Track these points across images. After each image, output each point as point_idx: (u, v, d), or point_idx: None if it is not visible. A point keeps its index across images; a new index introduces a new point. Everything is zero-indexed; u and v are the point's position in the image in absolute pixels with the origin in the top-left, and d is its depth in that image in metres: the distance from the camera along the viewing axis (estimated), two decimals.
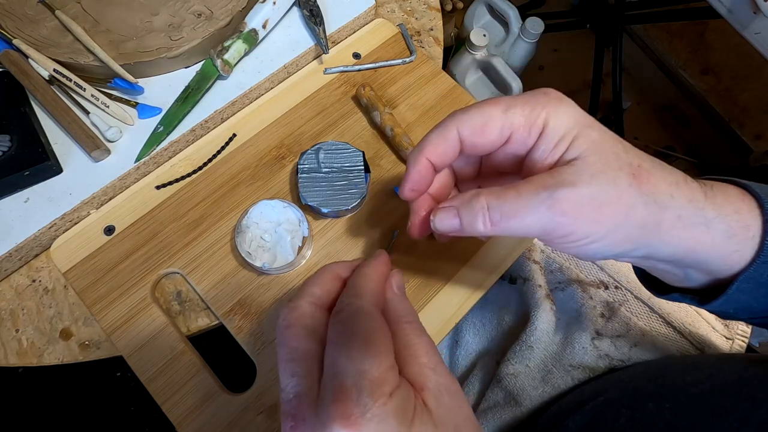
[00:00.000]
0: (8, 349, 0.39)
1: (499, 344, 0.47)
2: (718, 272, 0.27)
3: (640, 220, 0.24)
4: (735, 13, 0.66)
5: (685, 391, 0.32)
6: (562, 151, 0.25)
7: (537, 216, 0.24)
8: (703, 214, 0.25)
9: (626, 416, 0.33)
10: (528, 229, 0.25)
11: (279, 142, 0.46)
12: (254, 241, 0.39)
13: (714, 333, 0.44)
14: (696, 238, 0.25)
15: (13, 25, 0.44)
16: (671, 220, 0.25)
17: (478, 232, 0.26)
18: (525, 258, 0.47)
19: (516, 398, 0.42)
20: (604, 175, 0.24)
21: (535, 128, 0.25)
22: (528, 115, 0.25)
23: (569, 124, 0.25)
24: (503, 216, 0.25)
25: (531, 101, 0.25)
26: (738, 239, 0.26)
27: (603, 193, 0.23)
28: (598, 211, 0.23)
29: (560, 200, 0.23)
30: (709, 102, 1.31)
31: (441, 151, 0.27)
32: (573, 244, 0.25)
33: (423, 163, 0.28)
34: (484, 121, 0.26)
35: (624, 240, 0.25)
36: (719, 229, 0.26)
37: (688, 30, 1.30)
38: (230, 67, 0.46)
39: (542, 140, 0.25)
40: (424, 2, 0.57)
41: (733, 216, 0.26)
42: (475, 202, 0.26)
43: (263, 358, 0.38)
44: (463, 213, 0.26)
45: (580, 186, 0.23)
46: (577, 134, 0.25)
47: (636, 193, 0.24)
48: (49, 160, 0.40)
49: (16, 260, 0.40)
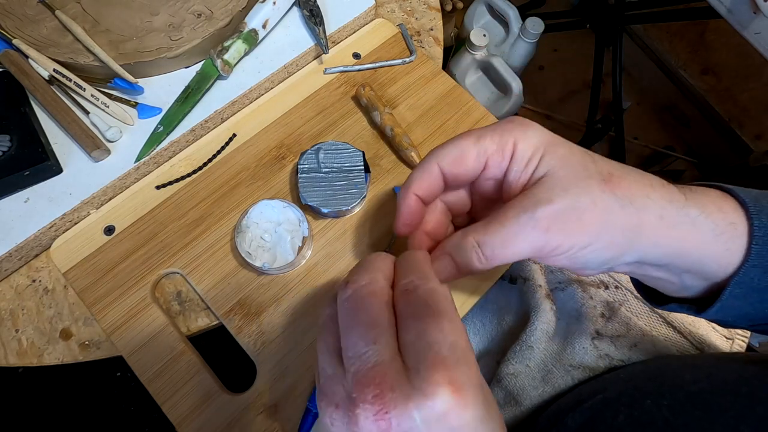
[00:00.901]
0: (8, 349, 0.39)
1: (499, 344, 0.47)
2: (713, 275, 0.27)
3: (621, 223, 0.25)
4: (735, 13, 0.66)
5: (684, 390, 0.32)
6: (532, 170, 0.26)
7: (525, 240, 0.25)
8: (687, 212, 0.26)
9: (625, 414, 0.33)
10: (521, 253, 0.26)
11: (279, 142, 0.46)
12: (254, 241, 0.39)
13: (714, 333, 0.44)
14: (683, 238, 0.26)
15: (13, 25, 0.44)
16: (653, 221, 0.26)
17: (477, 270, 0.27)
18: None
19: (516, 398, 0.42)
20: (575, 186, 0.25)
21: (507, 152, 0.27)
22: (498, 141, 0.27)
23: (536, 143, 0.27)
24: (494, 249, 0.26)
25: (499, 129, 0.27)
26: (726, 237, 0.26)
27: (578, 202, 0.25)
28: (578, 221, 0.25)
29: (540, 219, 0.25)
30: (709, 102, 1.31)
31: (426, 186, 0.29)
32: (565, 256, 0.26)
33: (411, 198, 0.29)
34: (460, 152, 0.28)
35: (610, 245, 0.25)
36: (705, 227, 0.26)
37: (688, 30, 1.30)
38: (230, 67, 0.46)
39: (513, 162, 0.27)
40: (424, 2, 0.57)
41: (717, 214, 0.26)
42: (464, 244, 0.26)
43: (263, 358, 0.38)
44: (456, 257, 0.27)
45: (555, 201, 0.25)
46: (545, 152, 0.26)
47: (610, 198, 0.25)
48: (49, 160, 0.40)
49: (16, 260, 0.40)
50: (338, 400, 0.22)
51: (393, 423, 0.20)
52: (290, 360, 0.38)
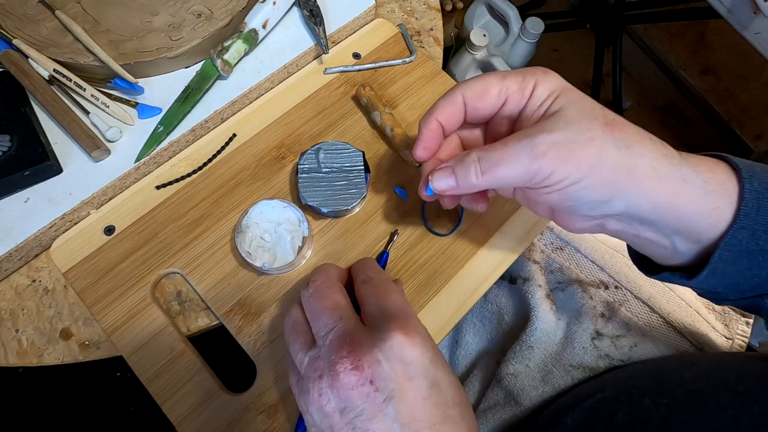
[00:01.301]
0: (8, 349, 0.39)
1: (499, 344, 0.47)
2: (703, 236, 0.28)
3: (614, 162, 0.26)
4: (735, 13, 0.66)
5: (682, 388, 0.33)
6: (545, 108, 0.29)
7: (520, 160, 0.27)
8: (679, 169, 0.27)
9: (623, 412, 0.33)
10: (514, 174, 0.28)
11: (279, 142, 0.46)
12: (254, 241, 0.39)
13: (714, 333, 0.44)
14: (673, 192, 0.27)
15: (13, 25, 0.44)
16: (645, 168, 0.27)
17: (471, 184, 0.29)
18: (525, 258, 0.47)
19: (516, 398, 0.42)
20: (577, 123, 0.27)
21: (527, 92, 0.29)
22: (520, 82, 0.30)
23: (553, 87, 0.29)
24: (491, 164, 0.28)
25: (522, 71, 0.30)
26: (716, 196, 0.27)
27: (577, 136, 0.26)
28: (572, 153, 0.26)
29: (538, 144, 0.27)
30: (709, 102, 1.31)
31: (449, 113, 0.32)
32: (555, 188, 0.27)
33: (434, 123, 0.32)
34: (484, 87, 0.30)
35: (600, 182, 0.27)
36: (695, 184, 0.27)
37: (688, 30, 1.30)
38: (230, 67, 0.46)
39: (530, 101, 0.29)
40: (424, 2, 0.57)
41: (707, 174, 0.28)
42: (467, 157, 0.29)
43: (263, 358, 0.38)
44: (457, 169, 0.30)
45: (555, 131, 0.27)
46: (559, 94, 0.28)
47: (608, 138, 0.27)
48: (49, 160, 0.40)
49: (16, 260, 0.40)
50: (320, 371, 0.27)
51: (365, 366, 0.26)
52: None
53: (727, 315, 0.46)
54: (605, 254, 0.47)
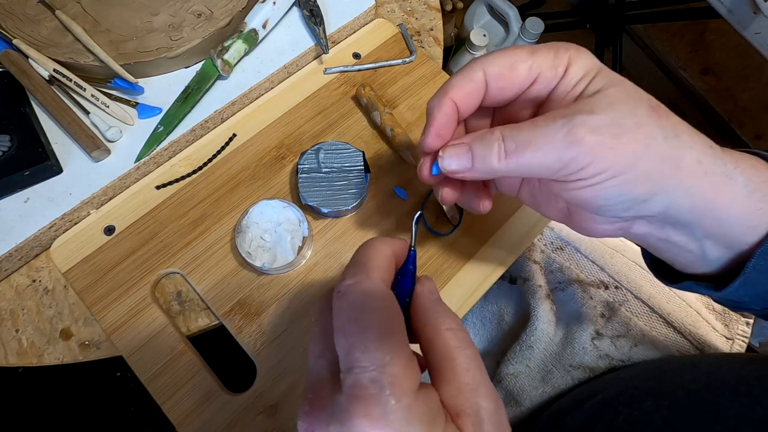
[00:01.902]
0: (8, 349, 0.39)
1: (499, 344, 0.47)
2: (738, 240, 0.26)
3: (660, 153, 0.23)
4: (735, 13, 0.66)
5: (684, 389, 0.32)
6: (581, 89, 0.25)
7: (553, 145, 0.23)
8: (723, 163, 0.24)
9: (624, 414, 0.33)
10: (545, 160, 0.23)
11: (279, 142, 0.46)
12: (254, 241, 0.39)
13: (714, 333, 0.44)
14: (716, 189, 0.24)
15: (13, 25, 0.44)
16: (692, 162, 0.24)
17: (491, 169, 0.25)
18: (525, 258, 0.47)
19: (516, 398, 0.42)
20: (623, 104, 0.23)
21: (560, 69, 0.25)
22: (553, 58, 0.25)
23: (590, 66, 0.25)
24: (518, 146, 0.24)
25: (554, 46, 0.26)
26: (759, 195, 0.25)
27: (622, 119, 0.23)
28: (616, 139, 0.22)
29: (577, 126, 0.22)
30: (709, 102, 1.31)
31: (467, 92, 0.26)
32: (589, 182, 0.24)
33: (449, 104, 0.26)
34: (512, 62, 0.25)
35: (643, 177, 0.23)
36: (739, 181, 0.24)
37: (688, 30, 1.30)
38: (230, 67, 0.46)
39: (564, 80, 0.25)
40: (424, 2, 0.57)
41: (751, 170, 0.25)
42: (489, 135, 0.25)
43: (263, 358, 0.38)
44: (476, 147, 0.25)
45: (598, 113, 0.23)
46: (598, 72, 0.25)
47: (656, 125, 0.23)
48: (49, 160, 0.40)
49: (16, 260, 0.40)
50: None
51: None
52: (290, 360, 0.38)
53: (727, 315, 0.46)
54: (605, 254, 0.47)
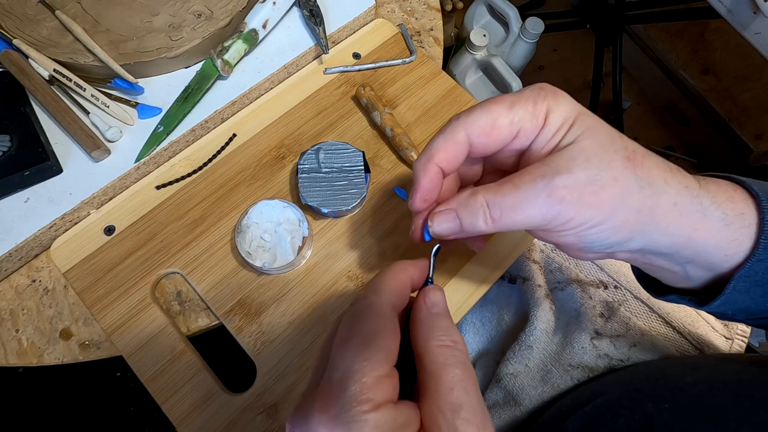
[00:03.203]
0: (8, 349, 0.39)
1: (498, 344, 0.47)
2: (718, 265, 0.27)
3: (636, 204, 0.24)
4: (735, 13, 0.66)
5: (685, 392, 0.32)
6: (559, 139, 0.25)
7: (537, 206, 0.24)
8: (699, 201, 0.26)
9: (625, 417, 0.33)
10: (529, 221, 0.25)
11: (279, 142, 0.46)
12: (254, 241, 0.39)
13: (713, 333, 0.44)
14: (693, 227, 0.25)
15: (13, 25, 0.44)
16: (667, 206, 0.25)
17: (479, 231, 0.26)
18: (525, 258, 0.47)
19: (515, 398, 0.42)
20: (598, 159, 0.24)
21: (539, 120, 0.26)
22: (532, 110, 0.26)
23: (567, 113, 0.25)
24: (504, 211, 0.25)
25: (532, 96, 0.26)
26: (735, 227, 0.26)
27: (599, 176, 0.24)
28: (595, 195, 0.24)
29: (558, 187, 0.24)
30: (709, 102, 1.31)
31: (451, 156, 0.27)
32: (572, 231, 0.25)
33: (433, 170, 0.27)
34: (492, 120, 0.26)
35: (621, 226, 0.25)
36: (715, 216, 0.26)
37: (688, 30, 1.30)
38: (230, 67, 0.46)
39: (543, 130, 0.26)
40: (424, 2, 0.57)
41: (727, 204, 0.26)
42: (473, 202, 0.26)
43: (263, 358, 0.38)
44: (462, 214, 0.26)
45: (575, 171, 0.24)
46: (574, 121, 0.25)
47: (631, 176, 0.24)
48: (49, 160, 0.40)
49: (16, 260, 0.40)
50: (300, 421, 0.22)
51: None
52: (290, 360, 0.38)
53: None
54: None
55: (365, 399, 0.20)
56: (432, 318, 0.24)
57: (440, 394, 0.21)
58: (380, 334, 0.22)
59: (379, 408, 0.20)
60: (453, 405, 0.21)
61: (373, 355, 0.21)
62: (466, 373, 0.22)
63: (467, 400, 0.21)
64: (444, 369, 0.22)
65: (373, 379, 0.20)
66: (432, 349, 0.23)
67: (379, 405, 0.20)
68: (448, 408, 0.21)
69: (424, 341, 0.23)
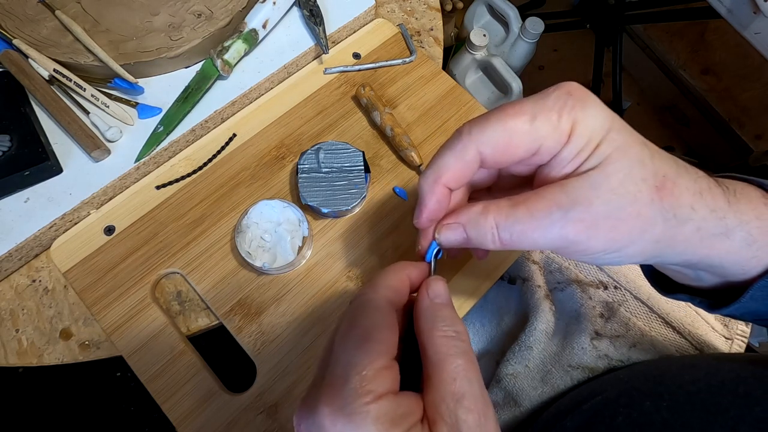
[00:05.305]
0: (8, 349, 0.39)
1: (498, 345, 0.47)
2: (733, 276, 0.27)
3: (657, 236, 0.23)
4: (735, 13, 0.66)
5: (683, 390, 0.32)
6: (583, 159, 0.23)
7: (549, 236, 0.23)
8: (725, 223, 0.24)
9: (624, 415, 0.33)
10: (539, 246, 0.24)
11: (279, 142, 0.46)
12: (254, 241, 0.39)
13: (713, 333, 0.44)
14: (712, 247, 0.25)
15: (13, 25, 0.44)
16: (689, 233, 0.24)
17: (486, 248, 0.25)
18: (524, 258, 0.47)
19: (515, 399, 0.42)
20: (624, 189, 0.22)
21: (563, 135, 0.23)
22: (556, 124, 0.23)
23: (595, 128, 0.22)
24: (513, 236, 0.23)
25: (557, 107, 0.23)
26: (757, 246, 0.25)
27: (621, 210, 0.22)
28: (614, 230, 0.22)
29: (574, 221, 0.22)
30: (709, 102, 1.31)
31: (459, 175, 0.25)
32: (584, 257, 0.24)
33: (440, 191, 0.26)
34: (509, 137, 0.23)
35: (637, 254, 0.24)
36: (738, 237, 0.25)
37: (688, 30, 1.30)
38: (230, 67, 0.46)
39: (566, 147, 0.23)
40: (424, 2, 0.57)
41: (754, 222, 0.25)
42: (483, 221, 0.24)
43: (263, 358, 0.38)
44: (471, 231, 0.25)
45: (596, 203, 0.22)
46: (602, 139, 0.22)
47: (657, 208, 0.23)
48: (49, 160, 0.40)
49: (16, 260, 0.40)
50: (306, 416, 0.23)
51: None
52: (290, 360, 0.38)
53: None
54: None
55: (366, 390, 0.20)
56: (435, 308, 0.24)
57: (443, 384, 0.21)
58: (378, 327, 0.22)
59: (381, 399, 0.20)
60: (455, 395, 0.21)
61: (372, 348, 0.22)
62: (468, 363, 0.22)
63: (469, 389, 0.21)
64: (447, 359, 0.22)
65: (373, 371, 0.21)
66: (435, 339, 0.23)
67: (380, 396, 0.21)
68: (451, 397, 0.21)
69: (428, 332, 0.23)
